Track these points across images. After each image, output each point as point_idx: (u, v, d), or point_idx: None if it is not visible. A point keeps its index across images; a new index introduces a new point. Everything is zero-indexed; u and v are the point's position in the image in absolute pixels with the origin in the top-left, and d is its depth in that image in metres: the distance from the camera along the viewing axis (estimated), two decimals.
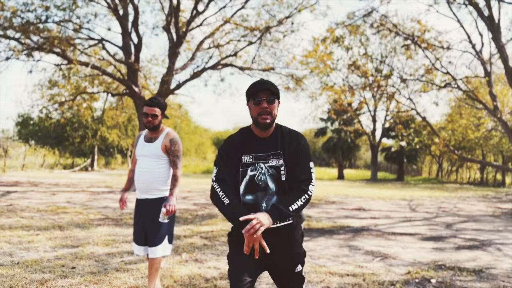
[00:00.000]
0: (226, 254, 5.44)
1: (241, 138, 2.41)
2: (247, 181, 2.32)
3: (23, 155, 26.74)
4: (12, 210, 8.82)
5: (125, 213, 8.93)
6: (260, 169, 2.31)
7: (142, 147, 3.75)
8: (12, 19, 13.41)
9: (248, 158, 2.33)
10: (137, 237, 3.72)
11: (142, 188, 3.68)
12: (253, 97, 2.34)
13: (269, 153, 2.34)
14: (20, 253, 5.22)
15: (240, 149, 2.36)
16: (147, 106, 3.63)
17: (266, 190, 2.29)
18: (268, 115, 2.31)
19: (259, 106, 2.32)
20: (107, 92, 17.78)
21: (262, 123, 2.32)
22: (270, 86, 2.33)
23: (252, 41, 15.17)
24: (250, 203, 2.29)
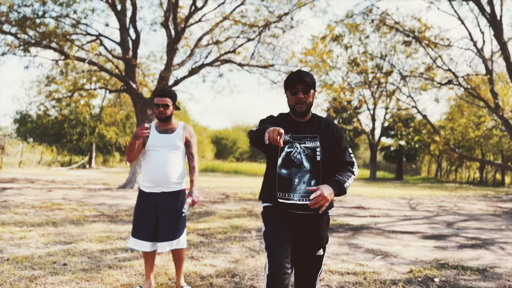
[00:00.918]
0: (222, 252, 5.31)
1: (281, 119, 2.63)
2: (283, 157, 2.49)
3: (20, 152, 26.57)
4: (6, 206, 8.67)
5: (121, 210, 8.78)
6: (296, 148, 2.49)
7: (157, 138, 3.60)
8: (8, 13, 13.24)
9: (287, 136, 2.49)
10: (144, 232, 3.53)
11: (158, 180, 3.53)
12: (290, 88, 2.57)
13: (306, 135, 2.53)
14: (11, 249, 5.07)
15: (280, 127, 2.43)
16: (158, 96, 3.58)
17: (300, 167, 2.46)
18: (303, 104, 2.55)
19: (296, 97, 2.55)
20: (105, 89, 17.60)
21: (298, 111, 2.56)
22: (306, 77, 2.52)
23: (251, 38, 15.01)
24: (285, 176, 2.47)
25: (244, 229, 6.97)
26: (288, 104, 2.62)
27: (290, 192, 2.46)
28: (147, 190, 3.59)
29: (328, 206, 2.51)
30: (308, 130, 2.56)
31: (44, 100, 19.47)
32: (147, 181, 3.59)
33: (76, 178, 18.91)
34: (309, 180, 2.47)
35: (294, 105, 2.56)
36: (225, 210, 9.40)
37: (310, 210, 2.44)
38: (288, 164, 2.48)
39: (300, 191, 2.45)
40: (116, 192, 12.74)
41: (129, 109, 26.76)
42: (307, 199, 2.43)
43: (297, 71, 2.58)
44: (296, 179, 2.46)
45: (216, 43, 15.37)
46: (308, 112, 2.61)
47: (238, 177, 26.33)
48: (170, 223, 3.51)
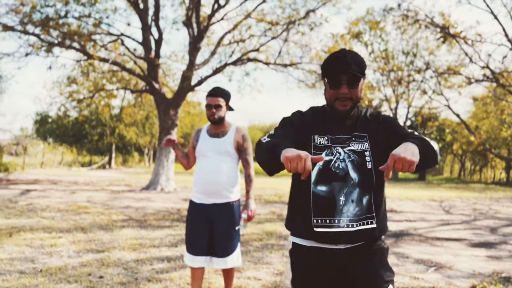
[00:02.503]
0: (263, 262, 5.00)
1: (313, 116, 1.92)
2: (320, 168, 1.78)
3: (41, 152, 26.72)
4: (33, 210, 8.50)
5: (148, 214, 8.54)
6: (338, 154, 1.80)
7: (208, 142, 3.26)
8: (31, 14, 13.16)
9: (323, 139, 1.82)
10: (197, 247, 3.20)
11: (209, 191, 3.19)
12: (330, 78, 1.82)
13: (350, 135, 1.84)
14: (43, 258, 4.84)
15: (312, 127, 1.86)
16: (210, 96, 3.24)
17: (346, 180, 1.77)
18: (348, 100, 1.82)
19: (337, 91, 1.81)
20: (126, 89, 17.47)
21: (339, 110, 1.83)
22: (354, 65, 1.78)
23: (275, 36, 14.67)
24: (324, 195, 1.76)
25: (279, 236, 6.64)
26: (326, 96, 1.88)
27: (333, 217, 1.75)
28: (197, 201, 3.27)
29: (381, 229, 1.84)
30: (351, 128, 1.87)
31: (65, 100, 19.45)
32: (197, 191, 3.27)
33: (98, 179, 18.83)
34: (360, 197, 1.77)
35: (333, 102, 1.83)
36: None
37: (362, 238, 1.78)
38: (327, 178, 1.77)
39: (349, 214, 1.76)
40: (140, 194, 12.55)
41: (148, 109, 26.68)
42: (359, 223, 1.76)
43: (341, 52, 1.83)
44: (341, 197, 1.76)
45: (239, 41, 15.08)
46: (353, 110, 1.87)
47: (258, 177, 26.04)
48: (223, 237, 3.19)
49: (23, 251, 5.10)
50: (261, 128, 59.67)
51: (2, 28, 12.83)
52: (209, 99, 3.23)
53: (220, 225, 3.18)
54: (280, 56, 14.91)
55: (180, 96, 14.25)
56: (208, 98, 3.24)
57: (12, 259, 4.72)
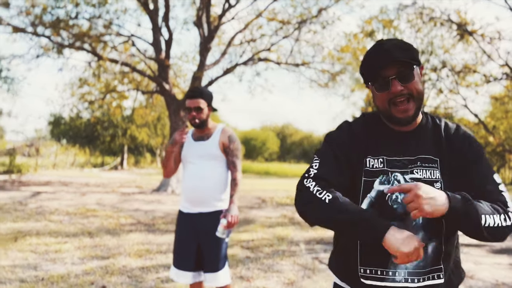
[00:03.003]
0: (273, 270, 4.77)
1: (365, 128, 1.50)
2: (372, 200, 1.38)
3: (54, 154, 26.87)
4: (41, 213, 8.41)
5: (157, 217, 8.38)
6: (396, 183, 1.38)
7: (192, 146, 2.99)
8: (42, 16, 13.13)
9: (377, 162, 1.41)
10: (183, 261, 2.92)
11: (195, 199, 2.92)
12: (373, 80, 1.42)
13: (415, 157, 1.41)
14: (46, 265, 4.69)
15: (363, 145, 1.46)
16: (189, 98, 2.93)
17: (406, 219, 1.35)
18: (407, 100, 1.39)
19: (388, 92, 1.39)
20: (137, 90, 17.40)
21: (401, 119, 1.40)
22: (396, 51, 1.38)
23: (287, 35, 14.43)
24: None
25: (290, 241, 6.41)
26: (377, 105, 1.46)
27: (387, 268, 1.37)
28: (184, 211, 2.99)
29: (456, 275, 1.46)
30: (417, 148, 1.43)
31: (77, 102, 19.46)
32: (184, 200, 3.00)
33: (109, 180, 18.80)
34: (424, 243, 1.32)
35: (388, 108, 1.41)
36: (265, 217, 8.88)
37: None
38: (380, 215, 1.34)
39: (408, 265, 1.36)
40: (150, 196, 12.42)
41: (160, 110, 26.61)
42: (421, 279, 1.36)
43: (378, 43, 1.44)
44: None
45: (250, 41, 14.88)
46: (418, 112, 1.43)
47: (270, 179, 25.81)
48: (212, 250, 2.89)
49: (27, 258, 4.96)
50: (273, 129, 59.40)
51: (13, 30, 12.83)
52: (188, 102, 2.93)
53: (208, 236, 2.88)
54: (292, 55, 14.67)
55: None
56: (187, 100, 2.94)
57: (14, 266, 4.58)
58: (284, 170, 35.54)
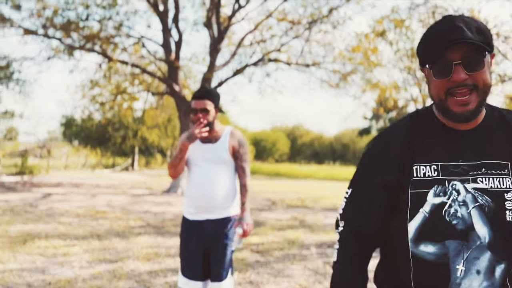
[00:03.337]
0: (284, 274, 4.67)
1: (411, 131, 1.24)
2: (426, 216, 1.16)
3: (65, 155, 27.07)
4: (51, 215, 8.41)
5: (167, 219, 8.33)
6: (455, 194, 1.15)
7: (199, 149, 2.82)
8: (53, 18, 13.19)
9: (429, 170, 1.17)
10: (193, 271, 2.78)
11: (203, 205, 2.77)
12: (432, 61, 1.15)
13: (479, 162, 1.17)
14: (54, 269, 4.65)
15: (410, 151, 1.21)
16: (195, 99, 2.79)
17: (468, 237, 1.14)
18: (471, 93, 1.13)
19: (448, 79, 1.13)
20: (148, 91, 17.43)
21: (458, 113, 1.15)
22: (470, 30, 1.11)
23: (297, 35, 14.31)
24: (431, 259, 1.15)
25: (301, 245, 6.30)
26: (432, 95, 1.21)
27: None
28: (190, 217, 2.84)
29: None
30: (482, 150, 1.19)
31: (88, 103, 19.57)
32: (190, 206, 2.84)
33: (120, 181, 18.86)
34: (491, 266, 1.13)
35: (445, 99, 1.16)
36: (275, 220, 8.77)
37: None
38: (437, 233, 1.15)
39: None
40: (160, 198, 12.39)
41: (170, 111, 26.66)
42: None
43: (447, 18, 1.16)
44: (458, 266, 1.14)
45: (260, 42, 14.79)
46: (481, 109, 1.18)
47: (280, 180, 25.69)
48: (219, 259, 2.77)
49: (35, 261, 4.93)
50: (283, 130, 59.22)
51: (24, 32, 12.91)
52: (194, 103, 2.79)
53: (216, 244, 2.77)
54: (302, 55, 14.55)
55: None
56: (193, 101, 2.80)
57: (22, 270, 4.55)
58: (294, 171, 35.37)
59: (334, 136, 56.82)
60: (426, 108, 1.29)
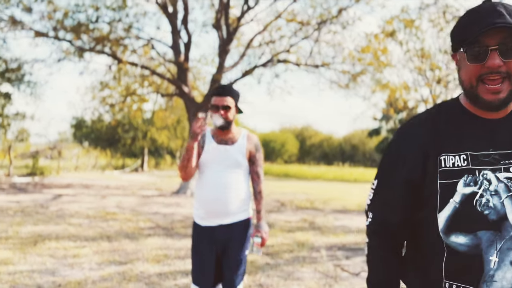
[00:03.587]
0: (294, 277, 4.63)
1: (439, 119, 1.23)
2: (456, 207, 1.14)
3: (76, 156, 27.28)
4: (61, 216, 8.45)
5: (176, 221, 8.33)
6: (486, 184, 1.13)
7: (214, 150, 2.68)
8: (63, 20, 13.30)
9: (458, 159, 1.16)
10: (205, 279, 2.65)
11: (217, 210, 2.64)
12: (467, 45, 1.13)
13: (510, 151, 1.15)
14: (64, 270, 4.65)
15: (436, 141, 1.19)
16: (217, 95, 2.66)
17: (502, 227, 1.11)
18: (503, 81, 1.11)
19: (482, 65, 1.11)
20: (157, 93, 17.49)
21: (488, 101, 1.13)
22: (508, 17, 1.08)
23: (306, 36, 14.25)
24: (463, 250, 1.13)
25: (311, 247, 6.25)
26: (462, 81, 1.18)
27: (478, 285, 1.12)
28: (202, 223, 2.70)
29: None
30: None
31: (98, 105, 19.70)
32: (201, 210, 2.70)
33: (129, 183, 18.94)
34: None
35: (476, 85, 1.13)
36: (284, 222, 8.73)
37: None
38: (469, 223, 1.13)
39: (504, 283, 1.10)
40: (169, 199, 12.41)
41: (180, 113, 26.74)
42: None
43: (486, 3, 1.15)
44: (492, 257, 1.11)
45: (269, 42, 14.76)
46: (509, 101, 1.14)
47: (289, 181, 25.63)
48: (232, 264, 2.67)
49: (45, 262, 4.94)
50: (292, 131, 59.09)
51: (35, 35, 13.03)
52: (215, 99, 2.65)
53: (229, 250, 2.68)
54: (311, 56, 14.49)
55: (209, 99, 14.08)
56: (215, 97, 2.66)
57: (32, 271, 4.56)
58: (303, 172, 35.27)
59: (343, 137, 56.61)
60: (452, 99, 1.27)
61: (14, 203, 10.15)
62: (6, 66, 14.80)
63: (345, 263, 5.35)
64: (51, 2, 13.08)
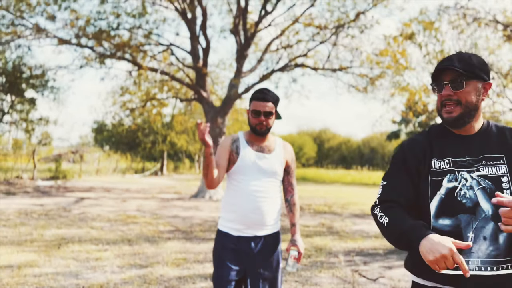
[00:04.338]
0: (311, 283, 4.66)
1: (428, 136, 1.68)
2: (442, 197, 1.53)
3: (97, 160, 27.79)
4: (84, 219, 8.66)
5: (195, 224, 8.44)
6: (463, 181, 1.53)
7: (252, 157, 2.52)
8: (85, 27, 13.63)
9: (443, 163, 1.57)
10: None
11: (253, 220, 2.48)
12: (433, 80, 1.62)
13: (480, 157, 1.57)
14: (87, 273, 4.79)
15: (428, 151, 1.62)
16: (259, 100, 2.47)
17: (476, 212, 1.49)
18: (455, 105, 1.56)
19: (440, 94, 1.59)
20: (176, 98, 17.73)
21: (445, 119, 1.59)
22: (457, 61, 1.55)
23: (324, 40, 14.27)
24: (448, 230, 1.49)
25: (329, 252, 6.27)
26: (436, 105, 1.69)
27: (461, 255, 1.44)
28: (234, 233, 2.51)
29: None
30: (482, 148, 1.57)
31: (118, 110, 20.09)
32: (235, 221, 2.51)
33: (149, 186, 19.22)
34: (495, 233, 1.46)
35: (440, 108, 1.60)
36: (303, 226, 8.74)
37: (499, 286, 1.46)
38: (451, 210, 1.49)
39: (480, 254, 1.46)
40: (188, 202, 12.56)
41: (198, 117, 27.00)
42: (495, 267, 1.45)
43: (452, 54, 1.62)
44: (469, 234, 1.46)
45: (287, 47, 14.82)
46: (465, 119, 1.57)
47: (307, 185, 25.56)
48: (265, 278, 2.50)
49: (69, 265, 5.09)
50: (310, 134, 58.89)
51: (58, 42, 13.38)
52: (257, 104, 2.48)
53: (261, 262, 2.51)
54: (329, 60, 14.49)
55: (227, 104, 14.21)
56: (256, 102, 2.48)
57: (57, 274, 4.71)
58: (321, 175, 35.12)
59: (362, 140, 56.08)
60: (439, 124, 1.71)
61: (38, 207, 10.44)
62: (31, 72, 15.26)
63: (363, 268, 5.35)
64: (74, 10, 13.42)
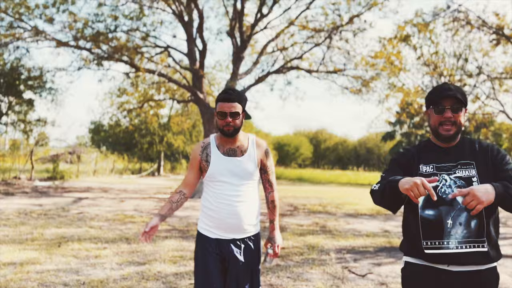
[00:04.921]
0: (303, 278, 4.87)
1: (417, 148, 2.17)
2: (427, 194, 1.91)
3: (94, 161, 27.92)
4: (82, 219, 8.84)
5: (192, 223, 8.64)
6: (444, 181, 1.98)
7: (223, 162, 2.53)
8: (83, 29, 13.80)
9: (428, 168, 2.04)
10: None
11: (230, 225, 2.51)
12: (434, 105, 2.05)
13: (456, 163, 2.02)
14: (87, 270, 4.98)
15: (417, 158, 2.10)
16: (223, 101, 2.47)
17: (453, 204, 1.94)
18: (452, 125, 2.03)
19: (441, 115, 2.03)
20: (173, 99, 17.92)
21: (443, 135, 2.04)
22: (456, 92, 2.02)
23: (318, 43, 14.50)
24: (432, 218, 1.96)
25: (321, 250, 6.48)
26: (430, 124, 2.10)
27: (442, 239, 1.92)
28: (212, 236, 2.54)
29: (494, 255, 1.96)
30: (458, 156, 2.03)
31: (116, 111, 20.27)
32: (213, 226, 2.54)
33: (146, 186, 19.39)
34: (468, 220, 1.91)
35: (437, 126, 2.04)
36: (296, 225, 8.96)
37: (473, 261, 1.91)
38: (434, 203, 1.92)
39: (457, 236, 1.91)
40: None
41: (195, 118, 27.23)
42: (468, 246, 1.90)
43: (444, 84, 2.07)
44: (448, 221, 1.92)
45: (282, 49, 15.04)
46: (457, 136, 2.05)
47: (303, 185, 25.79)
48: (246, 280, 2.53)
49: (69, 262, 5.28)
50: (306, 135, 59.16)
51: (56, 44, 13.55)
52: (222, 105, 2.47)
53: (239, 264, 2.52)
54: (324, 63, 14.72)
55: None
56: (221, 103, 2.48)
57: (58, 270, 4.90)
58: (317, 176, 35.37)
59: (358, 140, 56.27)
60: (427, 139, 2.20)
61: (37, 207, 10.61)
62: (29, 74, 15.41)
63: (352, 265, 5.57)
64: (72, 13, 13.60)
